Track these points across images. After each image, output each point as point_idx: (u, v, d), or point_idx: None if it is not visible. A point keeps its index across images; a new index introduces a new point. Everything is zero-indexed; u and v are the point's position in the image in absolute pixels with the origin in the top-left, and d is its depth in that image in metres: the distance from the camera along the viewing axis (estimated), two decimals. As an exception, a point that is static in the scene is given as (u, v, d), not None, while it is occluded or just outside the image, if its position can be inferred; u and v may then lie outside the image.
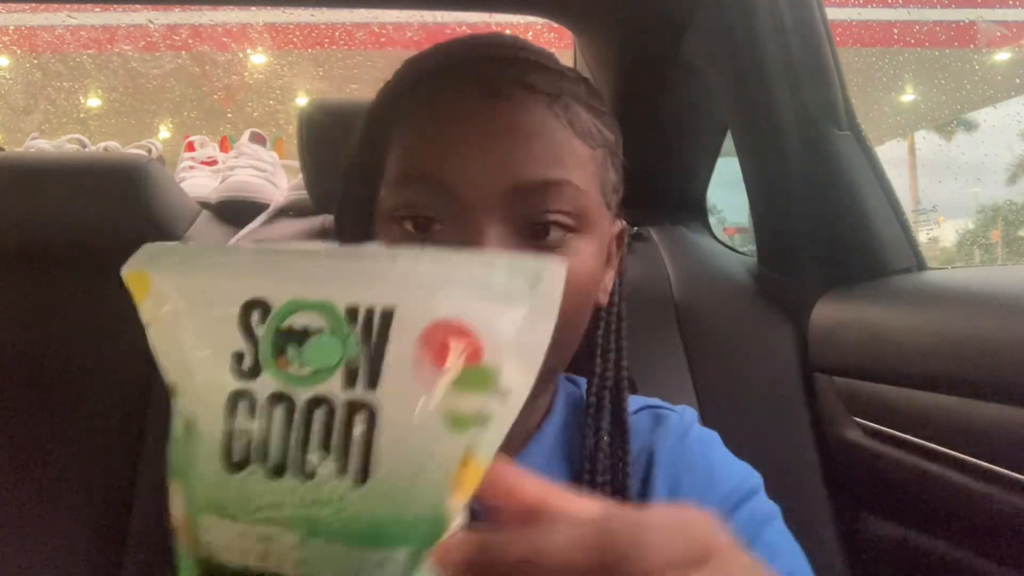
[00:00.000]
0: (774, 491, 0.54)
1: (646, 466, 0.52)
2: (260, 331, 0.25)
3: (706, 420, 0.83)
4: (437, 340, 0.23)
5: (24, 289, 0.99)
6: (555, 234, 0.44)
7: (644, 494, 0.51)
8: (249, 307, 0.25)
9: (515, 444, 0.52)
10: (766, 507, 0.51)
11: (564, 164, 0.44)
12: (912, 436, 0.68)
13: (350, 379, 0.24)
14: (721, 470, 0.53)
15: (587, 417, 0.52)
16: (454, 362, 0.23)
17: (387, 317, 0.24)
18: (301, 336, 0.25)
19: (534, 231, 0.44)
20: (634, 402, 0.56)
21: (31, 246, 1.00)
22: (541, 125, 0.44)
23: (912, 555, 0.71)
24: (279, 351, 0.25)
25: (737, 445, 0.58)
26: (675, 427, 0.55)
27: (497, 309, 0.24)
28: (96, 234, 0.99)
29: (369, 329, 0.24)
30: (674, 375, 0.86)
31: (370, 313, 0.24)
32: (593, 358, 0.54)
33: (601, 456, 0.51)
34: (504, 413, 0.24)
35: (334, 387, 0.24)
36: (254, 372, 0.25)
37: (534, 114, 0.44)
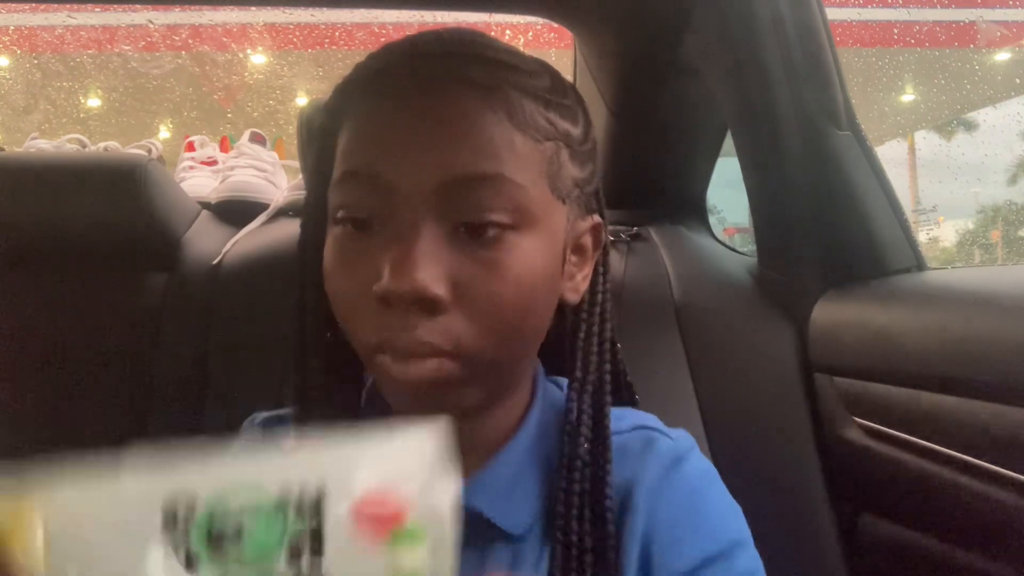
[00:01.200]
0: (774, 491, 0.54)
1: (624, 495, 0.49)
2: (186, 522, 0.25)
3: (706, 420, 0.83)
4: (367, 510, 0.27)
5: (24, 289, 0.99)
6: (492, 231, 0.43)
7: (619, 526, 0.48)
8: (172, 501, 0.25)
9: (488, 449, 0.50)
10: (745, 565, 0.48)
11: (498, 158, 0.43)
12: (912, 436, 0.68)
13: (295, 554, 0.26)
14: (705, 517, 0.49)
15: (566, 423, 0.50)
16: (387, 527, 0.27)
17: (320, 491, 0.26)
18: (236, 519, 0.26)
19: (470, 229, 0.43)
20: (630, 417, 0.54)
21: (31, 246, 1.00)
22: (474, 119, 0.43)
23: (912, 555, 0.71)
24: (214, 539, 0.25)
25: (737, 445, 0.58)
26: (664, 454, 0.51)
27: (407, 477, 0.28)
28: (96, 234, 0.99)
29: (303, 505, 0.26)
30: (674, 375, 0.86)
31: (303, 488, 0.26)
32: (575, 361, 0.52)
33: (579, 464, 0.49)
34: (443, 554, 0.28)
35: (279, 566, 0.26)
36: (190, 568, 0.25)
37: (466, 107, 0.43)
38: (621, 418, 0.53)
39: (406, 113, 0.44)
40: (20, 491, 0.26)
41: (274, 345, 0.95)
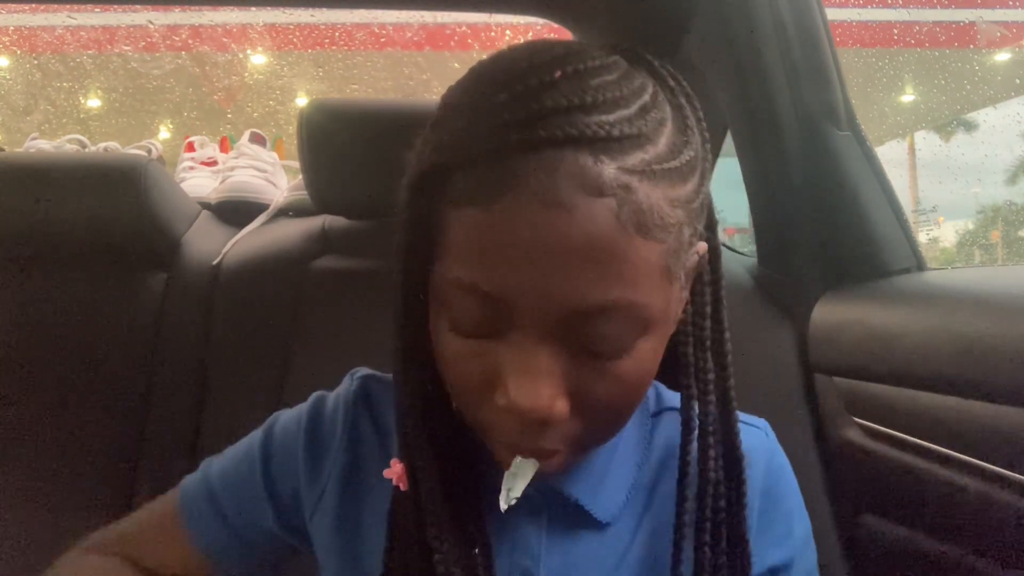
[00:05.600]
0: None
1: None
2: None
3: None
4: None
5: (24, 289, 0.99)
6: (615, 347, 0.42)
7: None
8: None
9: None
10: (812, 557, 0.54)
11: (627, 283, 0.40)
12: (912, 436, 0.68)
13: None
14: (795, 515, 0.54)
15: (683, 444, 0.49)
16: None
17: None
18: None
19: (593, 350, 0.41)
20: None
21: (31, 246, 1.00)
22: (605, 244, 0.39)
23: (912, 555, 0.71)
24: None
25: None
26: (764, 448, 0.55)
27: None
28: (96, 234, 0.99)
29: None
30: (674, 375, 0.86)
31: None
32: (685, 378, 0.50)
33: (711, 490, 0.49)
34: None
35: None
36: None
37: (598, 231, 0.39)
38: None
39: (531, 232, 0.39)
40: None
41: (274, 345, 0.96)
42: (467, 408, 0.45)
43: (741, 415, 0.55)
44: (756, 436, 0.55)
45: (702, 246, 0.48)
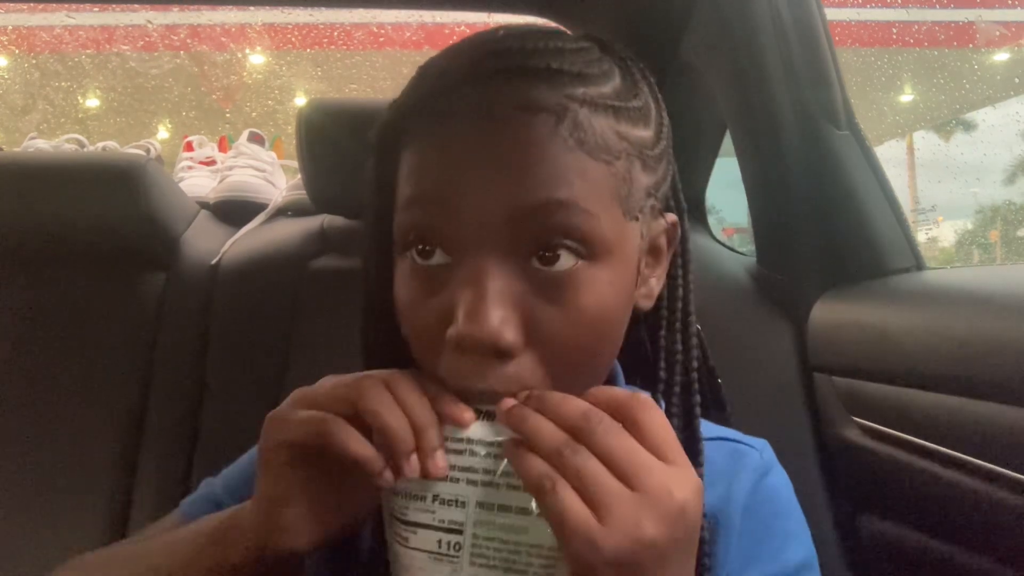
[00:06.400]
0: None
1: (718, 514, 0.49)
2: None
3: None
4: None
5: (23, 289, 0.99)
6: (565, 261, 0.41)
7: (713, 545, 0.48)
8: None
9: None
10: None
11: (569, 184, 0.41)
12: (912, 436, 0.68)
13: None
14: (790, 538, 0.51)
15: None
16: None
17: None
18: None
19: (542, 259, 0.42)
20: (706, 429, 0.53)
21: (30, 246, 1.00)
22: (543, 147, 0.41)
23: (912, 555, 0.71)
24: None
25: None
26: (755, 467, 0.52)
27: None
28: (95, 234, 0.99)
29: None
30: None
31: None
32: (655, 365, 0.50)
33: None
34: None
35: None
36: None
37: (536, 137, 0.41)
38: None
39: (473, 143, 0.42)
40: None
41: (273, 344, 0.95)
42: (426, 361, 0.44)
43: (741, 435, 0.55)
44: (748, 454, 0.53)
45: (671, 216, 0.50)
